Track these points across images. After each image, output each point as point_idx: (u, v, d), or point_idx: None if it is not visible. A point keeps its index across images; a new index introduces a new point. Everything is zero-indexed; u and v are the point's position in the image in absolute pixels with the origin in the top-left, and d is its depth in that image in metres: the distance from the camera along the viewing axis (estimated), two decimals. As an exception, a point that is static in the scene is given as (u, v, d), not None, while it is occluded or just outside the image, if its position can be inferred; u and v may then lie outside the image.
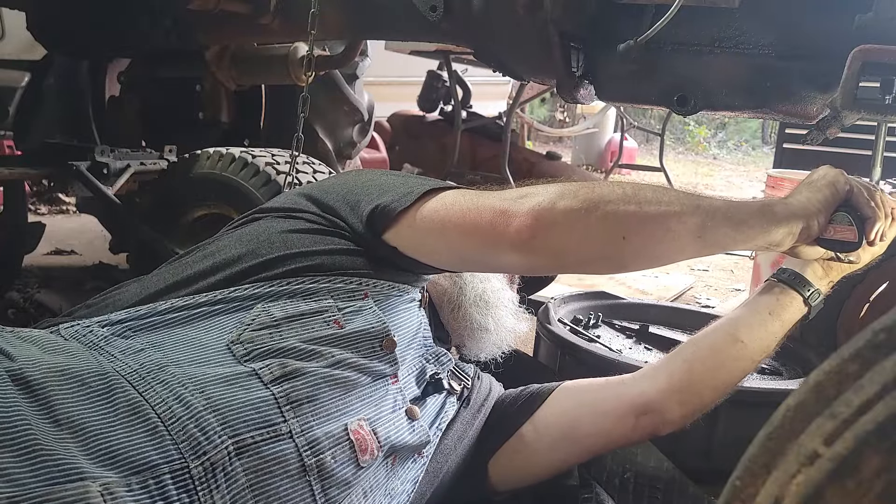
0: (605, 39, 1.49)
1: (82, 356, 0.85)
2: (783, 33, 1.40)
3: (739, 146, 14.83)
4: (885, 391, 0.41)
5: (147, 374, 0.84)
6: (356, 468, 0.94)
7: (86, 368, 0.82)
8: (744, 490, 0.46)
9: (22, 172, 2.34)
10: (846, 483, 0.41)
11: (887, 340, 0.42)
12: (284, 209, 1.13)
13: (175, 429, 0.80)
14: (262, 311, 0.97)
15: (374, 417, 1.00)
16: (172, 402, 0.82)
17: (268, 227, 1.09)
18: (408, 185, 1.08)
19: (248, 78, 2.42)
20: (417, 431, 1.08)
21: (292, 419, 0.89)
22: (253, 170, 2.07)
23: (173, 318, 0.96)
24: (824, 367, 0.44)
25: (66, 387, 0.79)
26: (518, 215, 0.97)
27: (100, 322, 0.95)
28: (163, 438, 0.79)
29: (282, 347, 0.94)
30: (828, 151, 5.25)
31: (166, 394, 0.83)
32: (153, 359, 0.87)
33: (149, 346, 0.90)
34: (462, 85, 4.58)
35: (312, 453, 0.89)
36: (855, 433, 0.41)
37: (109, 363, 0.85)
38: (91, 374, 0.82)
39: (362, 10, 1.85)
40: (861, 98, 1.28)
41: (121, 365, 0.85)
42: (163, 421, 0.80)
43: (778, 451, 0.44)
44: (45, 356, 0.83)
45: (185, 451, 0.79)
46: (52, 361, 0.82)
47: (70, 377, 0.80)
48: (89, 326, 0.93)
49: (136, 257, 2.41)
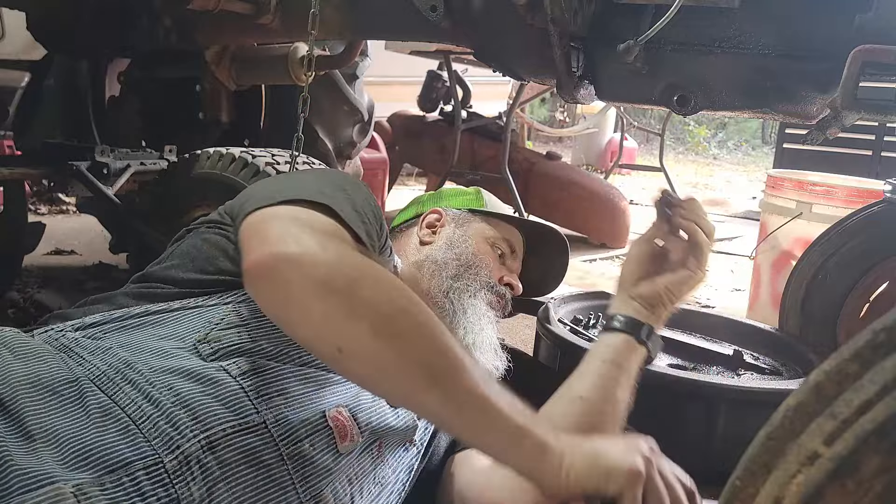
0: (605, 39, 1.49)
1: (52, 361, 0.85)
2: (783, 33, 1.40)
3: (739, 146, 14.84)
4: (884, 391, 0.41)
5: (115, 374, 0.85)
6: (336, 455, 0.93)
7: (56, 376, 0.83)
8: (744, 490, 0.46)
9: (22, 172, 2.33)
10: (846, 483, 0.42)
11: (887, 341, 0.42)
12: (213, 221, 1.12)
13: (146, 427, 0.80)
14: (232, 310, 0.97)
15: (353, 405, 0.99)
16: (141, 401, 0.82)
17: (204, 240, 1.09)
18: (282, 191, 0.97)
19: (248, 78, 2.41)
20: (402, 416, 1.07)
21: (265, 410, 0.88)
22: (253, 170, 2.07)
23: (144, 321, 0.96)
24: (824, 367, 0.44)
25: (38, 398, 0.79)
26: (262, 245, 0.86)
27: (73, 325, 0.96)
28: (135, 436, 0.79)
29: (249, 348, 0.93)
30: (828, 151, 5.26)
31: (135, 394, 0.83)
32: (121, 357, 0.87)
33: (117, 346, 0.90)
34: (462, 85, 4.57)
35: (289, 442, 0.89)
36: (855, 433, 0.42)
37: (78, 366, 0.86)
38: (61, 381, 0.82)
39: (362, 10, 1.85)
40: (861, 98, 1.28)
41: (89, 367, 0.86)
42: (133, 421, 0.80)
43: (778, 450, 0.44)
44: (16, 364, 0.83)
45: (157, 447, 0.79)
46: (22, 372, 0.82)
47: (41, 388, 0.80)
48: (62, 330, 0.94)
49: (135, 257, 2.41)
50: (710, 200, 7.79)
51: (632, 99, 1.64)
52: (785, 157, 5.66)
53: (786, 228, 2.92)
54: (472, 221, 1.47)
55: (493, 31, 1.66)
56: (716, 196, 8.38)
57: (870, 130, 5.21)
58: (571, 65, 1.52)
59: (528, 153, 5.09)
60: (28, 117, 2.91)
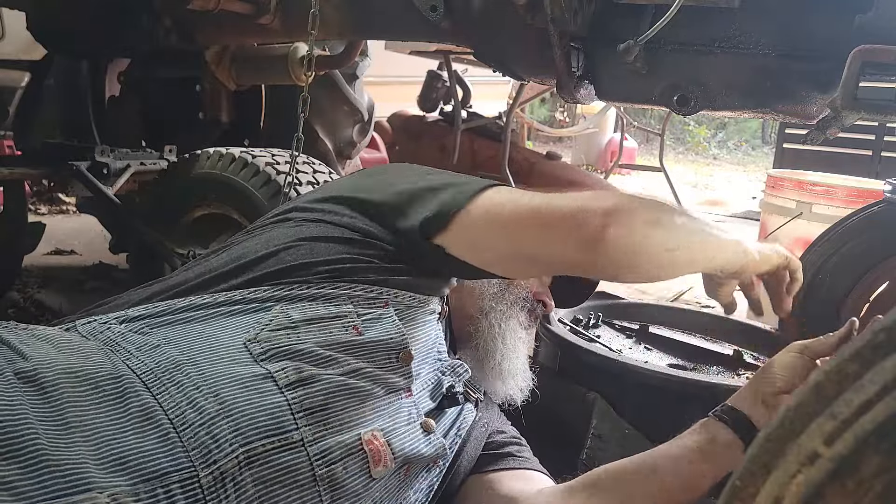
0: (605, 39, 1.49)
1: (96, 356, 0.85)
2: (783, 33, 1.40)
3: (739, 146, 14.84)
4: (885, 391, 0.41)
5: (162, 373, 0.84)
6: (368, 479, 0.93)
7: (100, 370, 0.82)
8: (744, 490, 0.46)
9: (22, 172, 2.34)
10: (846, 483, 0.42)
11: (887, 341, 0.42)
12: (318, 212, 1.11)
13: (186, 435, 0.79)
14: (281, 312, 0.96)
15: (388, 428, 0.98)
16: (185, 406, 0.82)
17: (296, 233, 1.08)
18: (457, 184, 1.08)
19: (247, 78, 2.41)
20: (434, 444, 1.06)
21: (305, 427, 0.88)
22: (253, 170, 2.07)
23: (191, 316, 0.95)
24: (824, 367, 0.44)
25: (80, 389, 0.79)
26: (597, 214, 0.98)
27: (117, 318, 0.94)
28: (174, 445, 0.78)
29: (299, 350, 0.93)
30: (828, 151, 5.26)
31: (180, 397, 0.82)
32: (169, 356, 0.87)
33: (165, 343, 0.89)
34: (462, 85, 4.57)
35: (323, 463, 0.88)
36: (855, 433, 0.42)
37: (124, 361, 0.85)
38: (105, 377, 0.81)
39: (362, 10, 1.85)
40: (861, 98, 1.28)
41: (136, 363, 0.85)
42: (175, 427, 0.80)
43: (778, 451, 0.44)
44: (60, 356, 0.82)
45: (195, 459, 0.78)
46: (66, 362, 0.81)
47: (84, 379, 0.80)
48: (106, 323, 0.93)
49: (135, 257, 2.41)
50: (710, 200, 7.80)
51: (632, 99, 1.65)
52: (785, 157, 5.67)
53: (786, 228, 2.92)
54: None
55: (493, 30, 1.66)
56: (716, 196, 8.38)
57: (870, 130, 5.22)
58: (571, 65, 1.52)
59: (528, 153, 5.09)
60: (28, 117, 2.91)
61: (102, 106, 2.98)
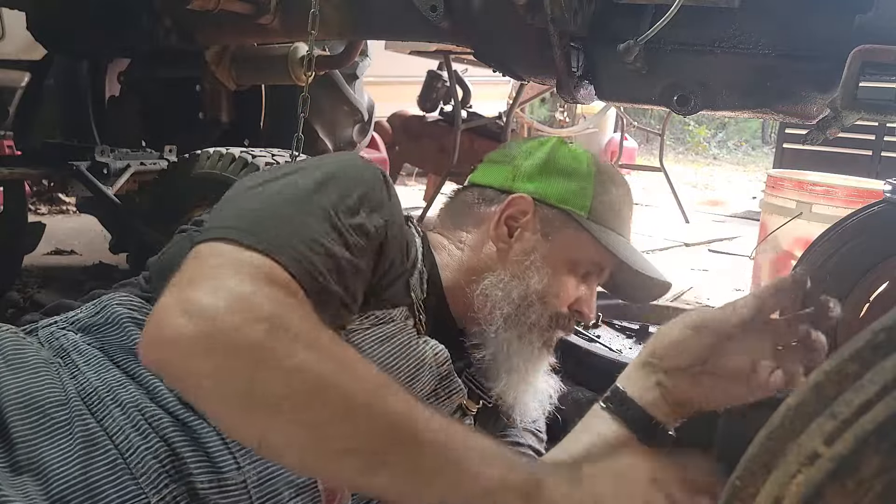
0: (605, 39, 1.49)
1: (45, 375, 0.82)
2: (783, 33, 1.40)
3: (739, 146, 14.84)
4: (884, 391, 0.41)
5: (106, 394, 0.81)
6: None
7: (48, 395, 0.80)
8: (744, 490, 0.46)
9: (22, 172, 2.34)
10: (846, 483, 0.42)
11: (887, 341, 0.42)
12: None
13: (133, 460, 0.76)
14: None
15: None
16: (129, 429, 0.78)
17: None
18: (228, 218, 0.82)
19: (247, 78, 2.42)
20: None
21: (248, 466, 0.81)
22: (253, 170, 2.07)
23: (137, 334, 0.89)
24: (824, 367, 0.44)
25: (28, 422, 0.77)
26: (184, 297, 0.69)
27: (74, 324, 0.92)
28: (122, 473, 0.76)
29: None
30: (828, 151, 5.26)
31: (123, 419, 0.79)
32: (114, 374, 0.83)
33: (112, 363, 0.85)
34: (462, 85, 4.57)
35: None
36: (855, 433, 0.42)
37: (71, 379, 0.83)
38: (53, 402, 0.79)
39: (362, 9, 1.85)
40: (861, 98, 1.28)
41: (82, 381, 0.82)
42: (121, 452, 0.77)
43: (778, 450, 0.44)
44: (8, 377, 0.80)
45: (144, 485, 0.75)
46: (14, 387, 0.79)
47: (32, 409, 0.78)
48: (65, 328, 0.91)
49: (135, 257, 2.41)
50: (710, 200, 7.80)
51: (632, 99, 1.64)
52: (785, 157, 5.67)
53: (786, 228, 2.92)
54: (564, 229, 1.13)
55: (493, 30, 1.66)
56: (716, 196, 8.38)
57: (870, 130, 5.22)
58: (571, 65, 1.52)
59: (528, 153, 5.08)
60: (28, 117, 2.91)
61: (102, 106, 2.98)
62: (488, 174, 1.21)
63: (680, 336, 0.88)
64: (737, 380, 0.86)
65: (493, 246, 1.13)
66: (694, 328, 0.87)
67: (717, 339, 0.86)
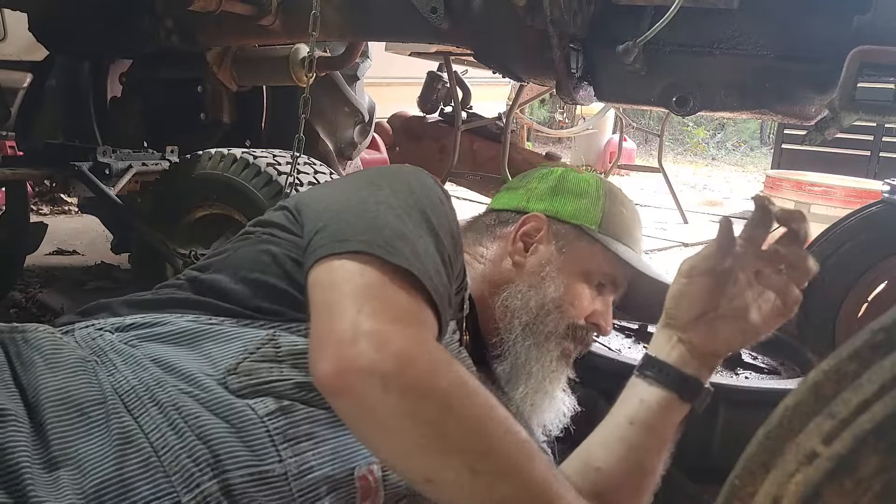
0: (605, 40, 1.49)
1: (82, 373, 0.83)
2: (782, 34, 1.40)
3: (738, 147, 14.83)
4: (883, 391, 0.41)
5: (144, 392, 0.81)
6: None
7: (85, 393, 0.80)
8: (742, 489, 0.46)
9: (24, 173, 2.33)
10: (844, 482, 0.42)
11: (886, 340, 0.43)
12: (271, 224, 1.00)
13: (167, 459, 0.77)
14: (269, 339, 0.88)
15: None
16: (166, 428, 0.79)
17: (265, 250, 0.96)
18: (356, 225, 0.86)
19: (249, 79, 2.42)
20: None
21: (289, 459, 0.81)
22: (254, 171, 2.07)
23: (184, 333, 0.90)
24: (823, 366, 0.44)
25: (65, 417, 0.78)
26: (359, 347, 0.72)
27: (113, 325, 0.92)
28: (155, 470, 0.76)
29: (280, 389, 0.85)
30: (826, 152, 5.26)
31: (160, 418, 0.79)
32: (152, 373, 0.84)
33: (150, 360, 0.86)
34: (462, 86, 4.57)
35: (307, 500, 0.82)
36: (853, 433, 0.42)
37: (108, 376, 0.83)
38: (90, 401, 0.80)
39: (363, 11, 1.85)
40: (859, 99, 1.28)
41: (120, 379, 0.83)
42: (155, 451, 0.77)
43: (777, 450, 0.44)
44: (46, 374, 0.81)
45: (177, 484, 0.76)
46: (52, 384, 0.80)
47: (69, 405, 0.79)
48: (101, 329, 0.91)
49: (137, 258, 2.41)
50: (709, 201, 7.80)
51: (631, 100, 1.65)
52: (783, 158, 5.67)
53: (785, 229, 2.92)
54: (577, 241, 1.18)
55: (493, 32, 1.67)
56: (714, 196, 8.38)
57: (868, 131, 5.22)
58: (571, 66, 1.52)
59: (528, 154, 5.09)
60: (30, 118, 2.91)
61: (104, 107, 2.97)
62: (504, 199, 1.28)
63: (679, 289, 0.95)
64: (747, 316, 0.92)
65: (510, 261, 1.18)
66: (686, 276, 0.94)
67: (713, 282, 0.92)
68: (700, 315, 0.93)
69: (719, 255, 0.92)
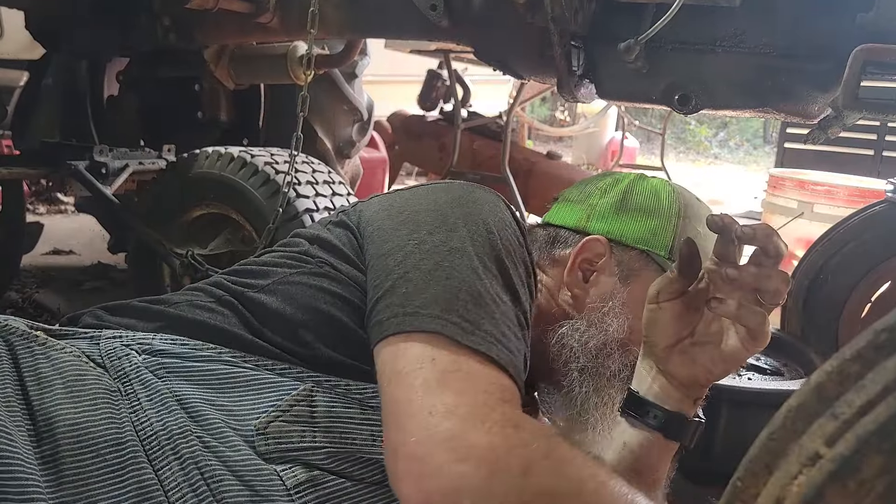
0: (606, 38, 1.49)
1: (103, 406, 0.78)
2: (784, 32, 1.40)
3: (741, 145, 14.84)
4: (886, 392, 0.41)
5: (167, 441, 0.77)
6: None
7: (104, 433, 0.75)
8: (745, 490, 0.46)
9: (20, 172, 2.33)
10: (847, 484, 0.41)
11: (889, 341, 0.42)
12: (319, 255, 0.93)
13: None
14: (305, 397, 0.82)
15: None
16: (185, 488, 0.74)
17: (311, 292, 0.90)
18: (426, 296, 0.79)
19: (247, 77, 2.41)
20: None
21: None
22: (252, 169, 2.06)
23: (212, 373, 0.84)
24: (826, 367, 0.44)
25: (80, 457, 0.73)
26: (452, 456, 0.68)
27: (141, 344, 0.86)
28: None
29: (310, 456, 0.79)
30: (829, 151, 5.27)
31: (181, 475, 0.75)
32: (178, 420, 0.78)
33: (176, 401, 0.80)
34: (462, 84, 4.57)
35: None
36: (856, 434, 0.41)
37: (131, 414, 0.78)
38: (108, 442, 0.75)
39: (362, 8, 1.85)
40: (862, 97, 1.27)
41: (143, 419, 0.78)
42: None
43: (779, 451, 0.44)
44: (65, 404, 0.76)
45: None
46: (70, 416, 0.75)
47: (85, 445, 0.74)
48: (129, 347, 0.85)
49: (134, 257, 2.41)
50: (712, 200, 7.80)
51: (633, 98, 1.64)
52: (786, 157, 5.67)
53: (787, 228, 2.92)
54: (644, 271, 1.05)
55: (494, 29, 1.66)
56: (717, 195, 8.39)
57: (871, 130, 5.22)
58: (572, 64, 1.51)
59: (529, 153, 5.09)
60: (26, 117, 2.90)
61: (101, 105, 2.97)
62: (562, 213, 1.14)
63: (649, 315, 0.91)
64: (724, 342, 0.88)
65: (567, 292, 1.06)
66: (654, 302, 0.90)
67: (683, 307, 0.89)
68: (675, 342, 0.89)
69: (682, 279, 0.88)
